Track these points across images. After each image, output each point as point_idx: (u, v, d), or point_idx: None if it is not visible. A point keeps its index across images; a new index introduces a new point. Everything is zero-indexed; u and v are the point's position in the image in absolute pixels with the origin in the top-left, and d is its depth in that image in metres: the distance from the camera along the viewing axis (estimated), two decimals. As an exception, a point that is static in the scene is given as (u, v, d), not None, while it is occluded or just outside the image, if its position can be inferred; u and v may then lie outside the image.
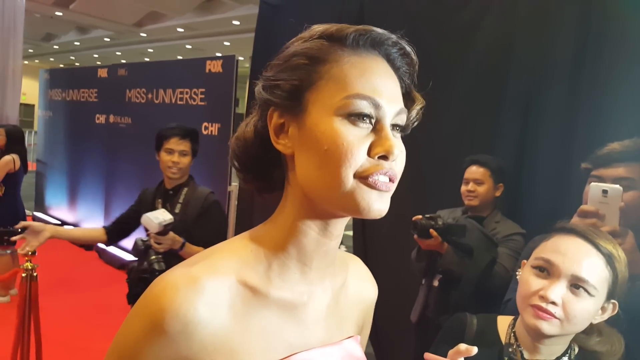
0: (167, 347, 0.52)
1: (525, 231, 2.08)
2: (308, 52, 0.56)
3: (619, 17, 1.89)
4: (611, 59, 1.90)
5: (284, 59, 0.57)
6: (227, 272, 0.56)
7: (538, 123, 2.16)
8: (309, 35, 0.58)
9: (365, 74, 0.54)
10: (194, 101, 4.34)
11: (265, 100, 0.58)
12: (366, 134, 0.53)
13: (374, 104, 0.53)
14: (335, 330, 0.65)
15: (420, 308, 2.26)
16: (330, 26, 0.57)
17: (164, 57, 14.41)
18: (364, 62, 0.55)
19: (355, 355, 0.66)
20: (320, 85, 0.55)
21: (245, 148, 0.61)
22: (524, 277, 0.99)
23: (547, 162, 2.11)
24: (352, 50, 0.56)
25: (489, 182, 2.14)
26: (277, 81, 0.57)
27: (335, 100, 0.53)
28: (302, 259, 0.59)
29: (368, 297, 0.74)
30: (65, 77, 6.63)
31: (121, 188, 5.20)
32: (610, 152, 1.36)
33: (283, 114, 0.57)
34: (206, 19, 11.11)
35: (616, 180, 1.30)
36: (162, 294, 0.52)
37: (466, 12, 2.44)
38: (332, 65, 0.55)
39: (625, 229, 1.17)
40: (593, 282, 0.91)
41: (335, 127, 0.53)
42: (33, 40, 15.64)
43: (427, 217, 2.05)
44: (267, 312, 0.57)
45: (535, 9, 2.19)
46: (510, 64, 2.25)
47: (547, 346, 0.97)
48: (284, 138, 0.58)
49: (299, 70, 0.56)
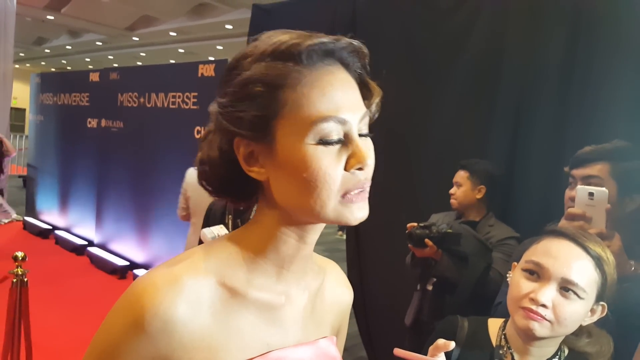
0: (147, 345, 0.53)
1: (519, 235, 2.09)
2: (264, 78, 0.54)
3: (610, 22, 1.91)
4: (602, 63, 1.92)
5: (240, 85, 0.55)
6: (207, 273, 0.57)
7: (529, 127, 2.17)
8: (259, 54, 0.55)
9: (326, 92, 0.54)
10: (187, 105, 4.33)
11: (229, 131, 0.57)
12: (338, 150, 0.55)
13: (340, 121, 0.54)
14: (313, 331, 0.67)
15: (414, 312, 2.26)
16: (278, 43, 0.55)
17: (156, 61, 14.38)
18: (321, 78, 0.55)
19: (329, 354, 0.67)
20: (285, 112, 0.54)
21: (213, 170, 0.60)
22: (515, 279, 1.00)
23: (539, 166, 2.12)
24: (307, 66, 0.55)
25: (467, 184, 2.17)
26: (238, 112, 0.55)
27: (302, 127, 0.54)
28: (280, 262, 0.61)
29: (344, 301, 0.75)
30: (57, 81, 6.59)
31: (113, 193, 5.17)
32: (582, 153, 1.42)
33: (250, 144, 0.57)
34: (199, 23, 11.10)
35: (585, 178, 1.36)
36: (142, 293, 0.53)
37: (458, 16, 2.46)
38: (292, 90, 0.54)
39: (612, 232, 1.18)
40: (583, 285, 0.92)
41: (309, 154, 0.53)
42: (24, 44, 15.53)
43: (422, 225, 2.05)
44: (245, 312, 0.59)
45: (526, 13, 2.21)
46: (502, 68, 2.27)
47: (538, 348, 0.98)
48: (256, 165, 0.58)
49: (259, 99, 0.54)
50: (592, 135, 1.81)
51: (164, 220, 4.58)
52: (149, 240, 4.79)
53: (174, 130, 4.41)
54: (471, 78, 2.38)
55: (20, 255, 2.33)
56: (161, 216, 4.61)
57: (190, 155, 0.64)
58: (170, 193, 4.49)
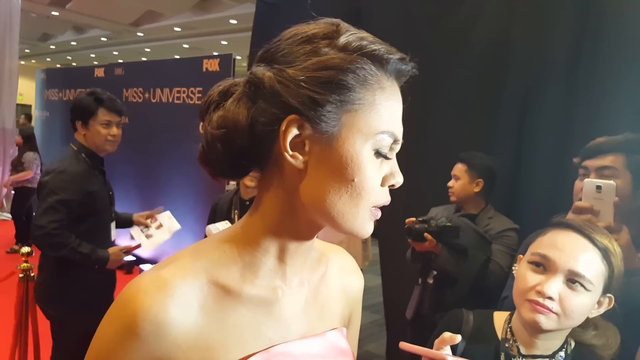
0: (140, 349, 0.53)
1: (518, 226, 2.10)
2: (353, 71, 0.53)
3: (617, 13, 1.89)
4: (609, 55, 1.90)
5: (324, 66, 0.52)
6: (196, 273, 0.57)
7: (535, 119, 2.16)
8: (344, 44, 0.54)
9: (395, 108, 0.56)
10: (191, 100, 4.34)
11: (289, 106, 0.53)
12: (380, 164, 0.56)
13: (394, 138, 0.56)
14: (317, 323, 0.65)
15: (415, 305, 2.27)
16: (369, 42, 0.54)
17: (161, 56, 14.36)
18: (394, 93, 0.57)
19: (338, 347, 0.66)
20: (359, 111, 0.54)
21: (232, 136, 0.55)
22: (521, 272, 1.00)
23: (545, 158, 2.11)
24: (386, 76, 0.56)
25: (465, 178, 2.18)
26: (313, 92, 0.52)
27: (370, 131, 0.54)
28: (280, 255, 0.60)
29: (353, 289, 0.73)
30: (62, 77, 6.62)
31: (118, 187, 5.16)
32: (595, 144, 1.40)
33: (305, 127, 0.53)
34: (203, 18, 11.07)
35: (600, 169, 1.33)
36: (133, 298, 0.53)
37: (463, 9, 2.45)
38: (371, 92, 0.54)
39: (620, 225, 1.17)
40: (589, 277, 0.92)
41: (366, 160, 0.54)
42: (29, 40, 15.56)
43: (420, 220, 2.06)
44: (242, 309, 0.58)
45: (532, 5, 2.19)
46: (508, 60, 2.25)
47: (544, 341, 0.98)
48: (299, 151, 0.54)
49: (341, 89, 0.52)
50: (599, 125, 1.79)
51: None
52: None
53: (178, 125, 4.42)
54: (478, 69, 2.37)
55: (27, 251, 2.35)
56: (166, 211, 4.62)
57: (194, 151, 0.61)
58: (175, 188, 4.51)
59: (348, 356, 0.67)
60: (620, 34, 1.88)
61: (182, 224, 4.42)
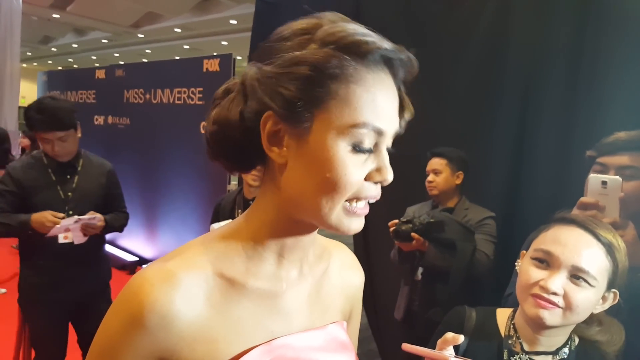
0: (146, 341, 0.53)
1: (494, 214, 2.14)
2: (321, 64, 0.51)
3: (619, 6, 1.88)
4: (611, 48, 1.89)
5: (291, 62, 0.52)
6: (202, 265, 0.57)
7: (537, 115, 2.15)
8: (321, 37, 0.53)
9: (375, 99, 0.53)
10: (192, 100, 4.34)
11: (263, 102, 0.54)
12: (365, 159, 0.54)
13: (377, 131, 0.54)
14: (318, 317, 0.66)
15: (405, 305, 2.27)
16: (345, 33, 0.52)
17: (161, 57, 14.35)
18: (374, 83, 0.53)
19: (339, 340, 0.67)
20: (330, 105, 0.52)
21: (226, 133, 0.58)
22: (524, 268, 0.99)
23: (548, 154, 2.10)
24: (366, 67, 0.53)
25: (447, 171, 2.23)
26: (280, 87, 0.52)
27: (343, 124, 0.52)
28: (280, 250, 0.61)
29: (353, 284, 0.74)
30: (63, 79, 6.62)
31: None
32: (616, 140, 1.34)
33: (280, 123, 0.54)
34: (203, 19, 11.08)
35: (620, 169, 1.29)
36: (139, 290, 0.54)
37: (464, 6, 2.44)
38: (344, 85, 0.52)
39: (626, 220, 1.16)
40: (593, 272, 0.91)
41: (339, 156, 0.52)
42: (31, 43, 15.61)
43: (404, 221, 2.08)
44: (245, 302, 0.58)
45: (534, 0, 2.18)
46: (510, 54, 2.24)
47: (547, 337, 0.97)
48: (278, 146, 0.55)
49: (308, 83, 0.52)
50: (601, 123, 1.78)
51: (171, 215, 4.60)
52: (157, 235, 4.82)
53: (180, 125, 4.42)
54: (478, 65, 2.36)
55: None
56: (168, 211, 4.63)
57: (196, 151, 0.62)
58: (177, 188, 4.51)
59: (348, 349, 0.67)
60: (623, 26, 1.86)
61: (184, 224, 4.43)
